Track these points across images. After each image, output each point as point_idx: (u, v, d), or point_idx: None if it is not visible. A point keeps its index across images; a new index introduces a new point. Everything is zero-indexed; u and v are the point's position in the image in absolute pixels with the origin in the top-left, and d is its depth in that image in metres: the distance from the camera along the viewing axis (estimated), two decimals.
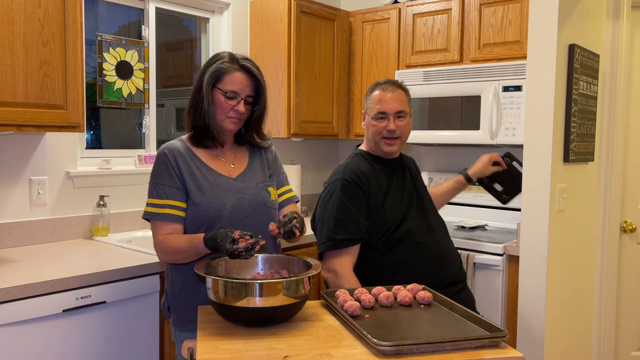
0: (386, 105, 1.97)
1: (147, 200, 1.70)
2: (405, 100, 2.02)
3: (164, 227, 1.66)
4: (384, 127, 1.97)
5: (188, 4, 3.13)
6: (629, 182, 2.97)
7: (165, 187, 1.68)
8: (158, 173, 1.70)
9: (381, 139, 1.99)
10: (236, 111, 1.69)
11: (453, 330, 1.38)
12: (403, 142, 2.03)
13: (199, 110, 1.70)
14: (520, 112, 2.74)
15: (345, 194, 1.92)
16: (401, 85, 2.05)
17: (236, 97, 1.69)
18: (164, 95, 3.10)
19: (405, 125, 2.00)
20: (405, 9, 3.25)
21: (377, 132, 1.99)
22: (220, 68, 1.69)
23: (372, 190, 1.96)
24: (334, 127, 3.48)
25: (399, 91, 2.01)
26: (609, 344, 2.96)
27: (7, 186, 2.35)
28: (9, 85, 1.96)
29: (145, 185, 2.83)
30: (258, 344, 1.31)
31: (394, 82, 2.04)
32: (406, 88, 2.06)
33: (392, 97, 1.98)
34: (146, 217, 1.69)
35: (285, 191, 1.88)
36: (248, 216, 1.71)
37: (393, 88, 2.00)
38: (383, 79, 2.08)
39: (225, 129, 1.72)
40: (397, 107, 1.97)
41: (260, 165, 1.83)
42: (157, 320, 2.14)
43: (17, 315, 1.74)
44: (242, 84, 1.69)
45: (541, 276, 2.35)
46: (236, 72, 1.69)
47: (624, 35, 2.84)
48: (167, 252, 1.66)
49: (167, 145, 1.74)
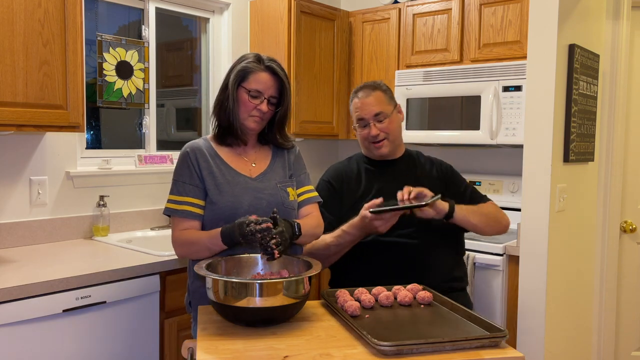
0: (363, 111, 1.98)
1: (168, 197, 1.74)
2: (384, 100, 2.00)
3: (182, 223, 1.70)
4: (368, 133, 1.99)
5: (188, 4, 3.13)
6: (629, 182, 2.97)
7: (186, 184, 1.72)
8: (180, 171, 1.75)
9: (369, 144, 2.02)
10: (259, 110, 1.72)
11: (453, 330, 1.38)
12: (393, 141, 2.02)
13: (223, 108, 1.74)
14: (520, 112, 2.74)
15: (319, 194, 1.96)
16: (377, 85, 2.03)
17: (260, 97, 1.72)
18: (164, 95, 3.10)
19: (388, 125, 1.99)
20: (405, 9, 3.25)
21: (364, 138, 2.02)
22: (246, 67, 1.72)
23: (345, 192, 2.02)
24: (334, 127, 3.48)
25: (374, 93, 1.99)
26: (609, 344, 2.96)
27: (7, 186, 2.35)
28: (9, 85, 1.96)
29: (145, 185, 2.88)
30: (258, 344, 1.31)
31: (369, 85, 2.03)
32: (383, 86, 2.04)
33: (367, 101, 1.98)
34: (166, 212, 1.74)
35: (305, 191, 1.87)
36: (265, 216, 1.71)
37: (368, 92, 2.00)
38: (360, 84, 2.08)
39: (247, 127, 1.75)
40: (373, 111, 1.97)
41: (282, 165, 1.84)
42: (157, 320, 2.14)
43: (17, 315, 1.74)
44: (267, 84, 1.72)
45: (541, 276, 2.35)
46: (261, 72, 1.72)
47: (624, 35, 2.84)
48: (183, 244, 1.70)
49: (190, 144, 1.78)
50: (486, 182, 3.18)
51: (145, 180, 2.83)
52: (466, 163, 3.34)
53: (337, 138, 3.56)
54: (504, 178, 3.14)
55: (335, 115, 3.48)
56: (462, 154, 3.37)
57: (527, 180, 2.39)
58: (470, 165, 3.33)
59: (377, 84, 2.05)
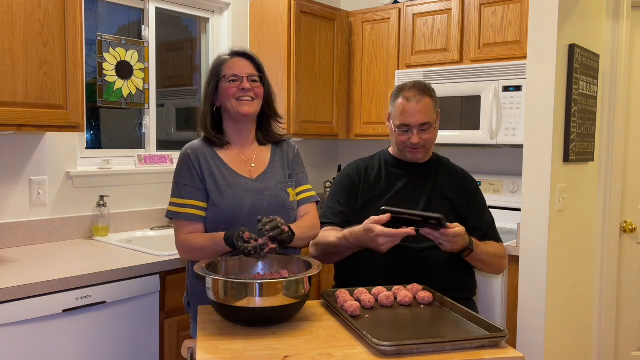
0: (410, 118, 1.87)
1: (170, 200, 1.73)
2: (432, 109, 1.90)
3: (185, 227, 1.70)
4: (408, 139, 1.90)
5: (188, 4, 3.13)
6: (629, 182, 2.97)
7: (187, 187, 1.71)
8: (180, 173, 1.74)
9: (405, 147, 1.94)
10: (243, 90, 1.72)
11: (453, 330, 1.38)
12: (428, 150, 1.97)
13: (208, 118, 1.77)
14: (520, 112, 2.74)
15: (336, 185, 1.99)
16: (427, 90, 1.92)
17: (238, 79, 1.73)
18: (164, 95, 3.10)
19: (430, 136, 1.91)
20: (405, 9, 3.25)
21: (401, 142, 1.93)
22: (217, 62, 1.77)
23: (362, 188, 1.98)
24: (334, 127, 3.48)
25: (424, 100, 1.88)
26: (609, 344, 2.96)
27: (7, 186, 2.35)
28: (9, 85, 1.96)
29: (145, 185, 2.88)
30: (258, 344, 1.31)
31: (420, 89, 1.91)
32: (432, 93, 1.94)
33: (416, 109, 1.87)
34: (169, 215, 1.74)
35: (303, 190, 1.86)
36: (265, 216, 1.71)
37: (418, 98, 1.88)
38: (410, 82, 1.96)
39: (241, 113, 1.74)
40: (420, 120, 1.87)
41: (281, 165, 1.83)
42: (157, 320, 2.14)
43: (17, 315, 1.74)
44: (240, 65, 1.75)
45: (541, 276, 2.35)
46: (231, 59, 1.76)
47: (624, 35, 2.84)
48: (189, 250, 1.70)
49: (190, 145, 1.79)
50: (486, 182, 3.18)
51: (145, 180, 2.83)
52: (466, 163, 3.31)
53: (337, 138, 3.55)
54: (504, 178, 3.14)
55: (335, 115, 3.48)
56: (462, 154, 3.36)
57: (527, 180, 2.39)
58: (470, 165, 3.32)
59: (426, 87, 1.93)
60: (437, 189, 1.97)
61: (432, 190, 1.96)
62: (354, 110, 3.51)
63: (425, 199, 1.94)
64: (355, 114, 3.50)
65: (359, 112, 3.48)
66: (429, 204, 1.93)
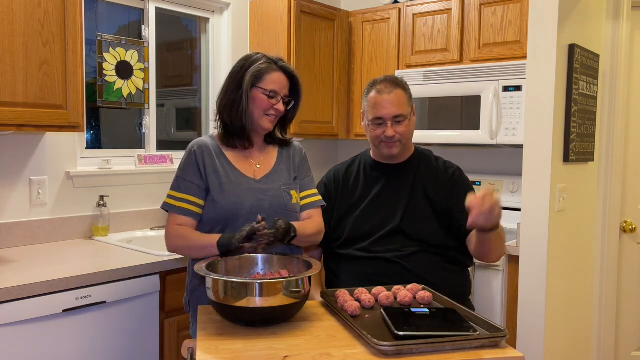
0: (383, 110, 1.85)
1: (169, 192, 1.74)
2: (405, 100, 1.88)
3: (177, 219, 1.71)
4: (382, 133, 1.87)
5: (188, 4, 3.13)
6: (629, 182, 2.97)
7: (187, 182, 1.72)
8: (184, 168, 1.75)
9: (380, 142, 1.91)
10: (276, 109, 1.73)
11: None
12: (405, 144, 1.93)
13: (235, 108, 1.72)
14: (520, 112, 2.74)
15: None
16: (399, 82, 1.90)
17: (276, 97, 1.73)
18: (164, 95, 3.10)
19: (405, 129, 1.88)
20: (405, 9, 3.25)
21: (375, 137, 1.91)
22: (261, 68, 1.72)
23: (340, 198, 1.99)
24: (334, 127, 3.48)
25: (396, 91, 1.86)
26: (609, 344, 2.96)
27: (7, 186, 2.35)
28: (9, 85, 1.96)
29: (145, 185, 2.88)
30: (258, 344, 1.31)
31: (392, 81, 1.90)
32: (405, 85, 1.92)
33: (389, 100, 1.85)
34: (164, 207, 1.74)
35: (308, 195, 1.84)
36: (267, 217, 1.71)
37: (390, 89, 1.86)
38: (381, 76, 1.95)
39: (262, 127, 1.75)
40: (394, 112, 1.85)
41: (287, 167, 1.83)
42: (157, 320, 2.14)
43: (17, 315, 1.74)
44: (282, 84, 1.74)
45: (541, 276, 2.35)
46: (275, 72, 1.74)
47: (624, 35, 2.84)
48: (176, 237, 1.70)
49: (198, 141, 1.78)
50: (486, 182, 3.18)
51: (145, 180, 2.83)
52: (466, 163, 3.33)
53: (337, 138, 3.56)
54: (504, 178, 3.14)
55: (335, 115, 3.48)
56: (462, 154, 3.37)
57: (527, 180, 2.39)
58: (470, 165, 3.33)
59: (397, 80, 1.90)
60: (419, 189, 1.92)
61: (413, 191, 1.92)
62: (354, 110, 3.51)
63: (404, 202, 1.91)
64: (355, 113, 3.50)
65: (359, 112, 3.47)
66: (409, 206, 1.90)
